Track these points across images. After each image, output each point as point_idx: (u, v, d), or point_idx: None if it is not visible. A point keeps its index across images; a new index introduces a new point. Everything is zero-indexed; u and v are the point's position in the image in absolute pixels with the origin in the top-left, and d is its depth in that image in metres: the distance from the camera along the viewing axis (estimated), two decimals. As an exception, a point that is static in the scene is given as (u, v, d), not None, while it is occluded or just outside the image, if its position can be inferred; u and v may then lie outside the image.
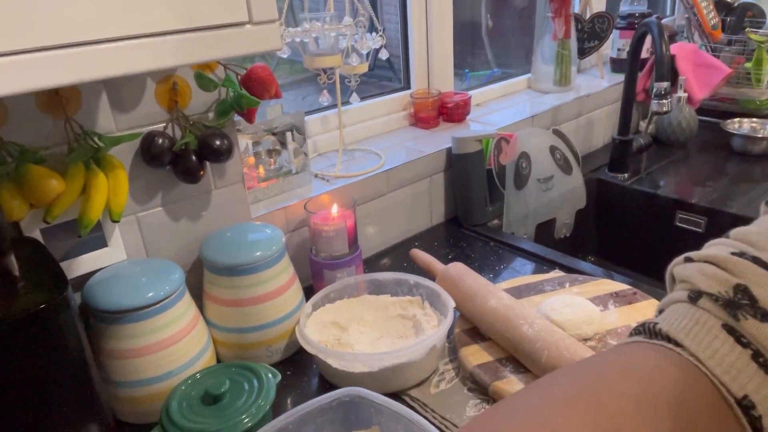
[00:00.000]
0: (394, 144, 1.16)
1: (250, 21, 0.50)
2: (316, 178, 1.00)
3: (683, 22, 1.76)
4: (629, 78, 1.30)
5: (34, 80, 0.41)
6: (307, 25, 0.93)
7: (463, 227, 1.14)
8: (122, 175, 0.69)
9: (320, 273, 0.87)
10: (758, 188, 1.27)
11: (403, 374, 0.70)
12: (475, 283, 0.80)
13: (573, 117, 1.44)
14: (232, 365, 0.69)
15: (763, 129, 1.50)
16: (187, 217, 0.80)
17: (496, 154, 1.14)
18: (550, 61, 1.48)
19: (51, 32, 0.41)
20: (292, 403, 0.72)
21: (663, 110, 1.12)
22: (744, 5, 1.67)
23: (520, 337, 0.69)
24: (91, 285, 0.67)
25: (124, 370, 0.66)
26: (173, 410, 0.62)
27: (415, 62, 1.27)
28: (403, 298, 0.82)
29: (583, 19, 1.53)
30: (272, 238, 0.77)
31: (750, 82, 1.60)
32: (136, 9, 0.44)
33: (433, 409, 0.68)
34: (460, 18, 1.37)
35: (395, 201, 1.07)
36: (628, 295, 0.83)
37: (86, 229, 0.66)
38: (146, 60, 0.46)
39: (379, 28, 1.01)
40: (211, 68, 0.77)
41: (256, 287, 0.74)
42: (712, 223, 1.21)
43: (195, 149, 0.75)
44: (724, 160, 1.44)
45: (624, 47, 1.60)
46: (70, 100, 0.66)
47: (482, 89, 1.45)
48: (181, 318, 0.69)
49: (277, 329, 0.76)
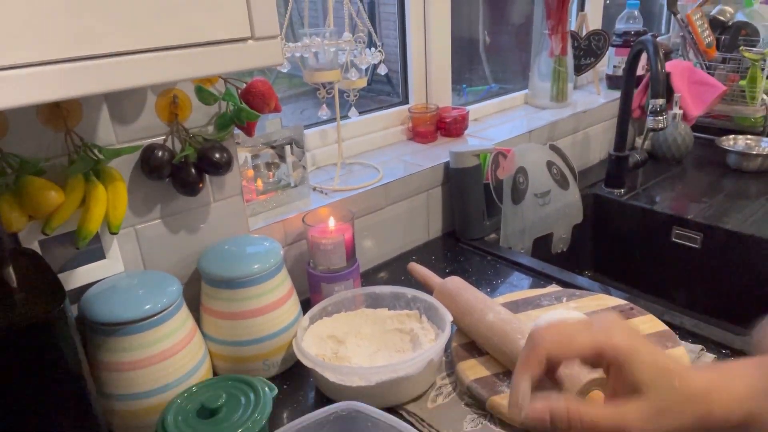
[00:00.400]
0: (392, 158, 1.17)
1: (252, 36, 0.51)
2: (315, 192, 1.01)
3: (678, 40, 1.79)
4: (625, 95, 1.31)
5: (36, 94, 0.42)
6: (307, 40, 0.94)
7: (460, 241, 1.14)
8: (121, 187, 0.69)
9: (318, 286, 0.87)
10: (753, 205, 1.28)
11: (401, 388, 0.70)
12: (472, 297, 0.80)
13: (570, 133, 1.45)
14: (229, 378, 0.69)
15: (757, 146, 1.51)
16: (185, 230, 0.80)
17: (494, 168, 1.14)
18: (546, 77, 1.49)
19: (53, 46, 0.41)
20: (288, 417, 0.72)
21: (659, 127, 1.13)
22: (738, 24, 1.69)
23: (518, 351, 0.69)
24: (89, 297, 0.67)
25: (120, 383, 0.65)
26: (169, 424, 0.62)
27: (414, 77, 1.28)
28: (400, 312, 0.82)
29: (580, 37, 1.54)
30: (270, 251, 0.77)
31: (744, 99, 1.62)
32: (138, 24, 0.45)
33: (430, 423, 0.68)
34: (458, 34, 1.38)
35: (393, 215, 1.07)
36: (625, 310, 0.83)
37: (85, 241, 0.66)
38: (148, 74, 0.46)
39: (378, 43, 1.02)
40: (212, 82, 0.77)
41: (254, 300, 0.74)
42: (708, 239, 1.22)
43: (194, 162, 0.75)
44: (720, 176, 1.45)
45: (620, 64, 1.62)
46: (71, 113, 0.66)
47: (480, 104, 1.46)
48: (178, 331, 0.68)
49: (274, 342, 0.76)
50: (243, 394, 0.66)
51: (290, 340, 0.78)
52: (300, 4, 0.97)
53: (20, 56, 0.40)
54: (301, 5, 0.97)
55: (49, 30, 0.41)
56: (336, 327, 0.80)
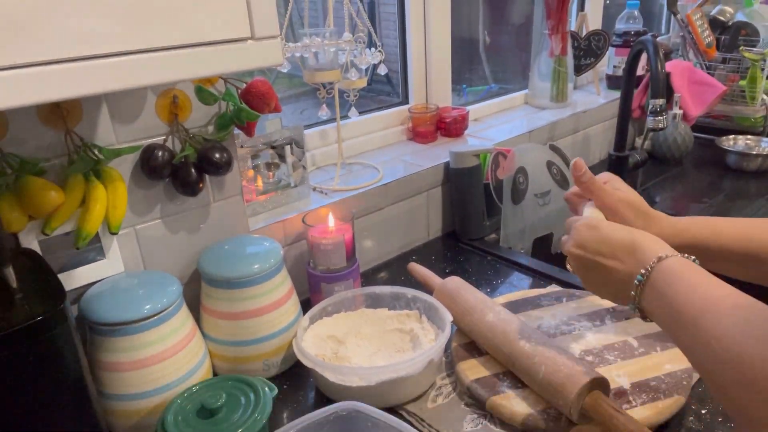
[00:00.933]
0: (392, 158, 1.17)
1: (253, 37, 0.51)
2: (315, 192, 1.01)
3: (678, 40, 1.79)
4: (625, 95, 1.31)
5: (37, 94, 0.42)
6: (307, 40, 0.94)
7: (460, 241, 1.14)
8: (121, 187, 0.69)
9: (318, 286, 0.87)
10: (753, 205, 1.28)
11: (401, 388, 0.70)
12: (472, 297, 0.80)
13: (570, 133, 1.45)
14: (229, 378, 0.69)
15: (757, 146, 1.52)
16: (185, 230, 0.80)
17: (494, 168, 1.14)
18: (546, 77, 1.49)
19: (54, 46, 0.41)
20: (288, 417, 0.72)
21: (659, 127, 1.13)
22: (738, 24, 1.69)
23: (518, 351, 0.69)
24: (89, 297, 0.67)
25: (120, 383, 0.65)
26: (169, 424, 0.62)
27: (414, 77, 1.28)
28: (400, 312, 0.82)
29: (580, 37, 1.54)
30: (270, 251, 0.77)
31: (744, 99, 1.62)
32: (138, 24, 0.45)
33: (430, 423, 0.68)
34: (458, 34, 1.38)
35: (393, 215, 1.07)
36: (624, 310, 0.83)
37: (84, 241, 0.66)
38: (148, 74, 0.46)
39: (378, 43, 1.02)
40: (212, 82, 0.77)
41: (254, 300, 0.74)
42: (707, 239, 1.22)
43: (194, 162, 0.75)
44: (720, 176, 1.45)
45: (620, 64, 1.62)
46: (71, 112, 0.66)
47: (480, 104, 1.46)
48: (178, 331, 0.68)
49: (274, 343, 0.76)
50: (243, 394, 0.66)
51: (290, 340, 0.78)
52: (300, 4, 0.97)
53: (20, 56, 0.40)
54: (301, 5, 0.97)
55: (49, 30, 0.41)
56: (336, 327, 0.80)
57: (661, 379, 0.68)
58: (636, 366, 0.71)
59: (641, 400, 0.66)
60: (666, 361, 0.71)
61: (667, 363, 0.71)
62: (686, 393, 0.67)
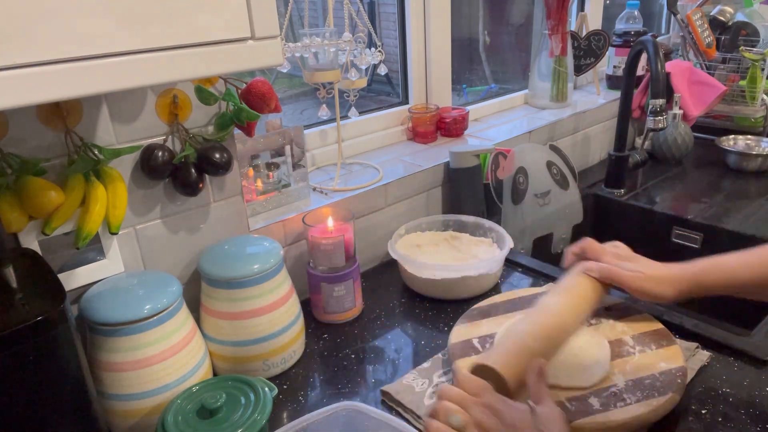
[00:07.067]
0: (392, 158, 1.17)
1: (252, 37, 0.51)
2: (315, 192, 1.01)
3: (678, 41, 1.79)
4: (625, 95, 1.31)
5: (37, 94, 0.42)
6: (307, 40, 0.94)
7: (460, 241, 1.14)
8: (121, 187, 0.69)
9: (318, 286, 0.88)
10: (753, 205, 1.28)
11: (462, 286, 0.91)
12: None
13: (570, 133, 1.46)
14: (229, 379, 0.69)
15: (757, 146, 1.52)
16: (185, 230, 0.80)
17: (494, 168, 1.14)
18: (546, 77, 1.49)
19: (54, 46, 0.41)
20: (288, 417, 0.72)
21: (658, 127, 1.14)
22: (738, 24, 1.69)
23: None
24: (89, 297, 0.67)
25: (120, 383, 0.65)
26: (169, 424, 0.62)
27: (414, 77, 1.28)
28: (479, 238, 1.04)
29: (580, 37, 1.54)
30: (270, 251, 0.77)
31: (744, 99, 1.62)
32: (139, 24, 0.45)
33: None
34: (458, 34, 1.38)
35: (393, 215, 1.07)
36: (620, 308, 0.83)
37: (84, 241, 0.66)
38: (148, 74, 0.46)
39: (378, 43, 1.02)
40: (212, 82, 0.77)
41: (254, 300, 0.74)
42: (708, 239, 1.22)
43: (194, 162, 0.75)
44: (720, 176, 1.45)
45: (620, 64, 1.62)
46: (71, 112, 0.66)
47: (480, 105, 1.46)
48: (178, 331, 0.68)
49: (275, 342, 0.76)
50: (243, 394, 0.66)
51: (290, 340, 0.78)
52: (300, 4, 0.97)
53: (20, 56, 0.40)
54: (301, 5, 0.97)
55: (50, 30, 0.41)
56: (423, 239, 1.02)
57: (655, 377, 0.69)
58: (631, 364, 0.71)
59: (636, 397, 0.66)
60: (660, 359, 0.72)
61: (662, 361, 0.71)
62: (680, 391, 0.67)
